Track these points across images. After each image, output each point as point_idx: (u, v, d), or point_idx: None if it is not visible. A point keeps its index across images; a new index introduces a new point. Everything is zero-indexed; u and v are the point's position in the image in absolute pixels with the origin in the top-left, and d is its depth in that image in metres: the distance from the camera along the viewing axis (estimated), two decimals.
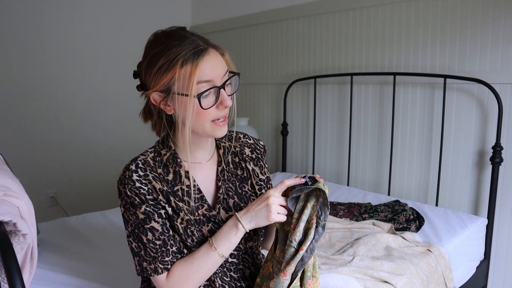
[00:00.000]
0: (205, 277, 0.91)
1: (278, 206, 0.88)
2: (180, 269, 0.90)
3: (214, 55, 0.87)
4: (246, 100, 3.00)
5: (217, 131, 0.90)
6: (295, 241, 0.86)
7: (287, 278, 0.86)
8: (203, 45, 0.87)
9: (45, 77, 2.66)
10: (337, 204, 2.01)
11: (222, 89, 0.88)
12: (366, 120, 2.28)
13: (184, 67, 0.83)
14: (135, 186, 0.89)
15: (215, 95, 0.87)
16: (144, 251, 0.89)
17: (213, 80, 0.86)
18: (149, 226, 0.89)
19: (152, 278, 0.92)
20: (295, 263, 0.85)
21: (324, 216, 0.85)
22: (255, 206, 0.89)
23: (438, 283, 1.44)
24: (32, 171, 2.66)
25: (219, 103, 0.88)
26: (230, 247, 0.91)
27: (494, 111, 1.80)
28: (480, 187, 1.89)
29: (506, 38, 1.75)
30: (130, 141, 3.04)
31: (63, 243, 1.66)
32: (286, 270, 0.85)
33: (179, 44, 0.85)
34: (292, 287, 0.86)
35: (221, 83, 0.88)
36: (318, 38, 2.46)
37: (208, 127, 0.89)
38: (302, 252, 0.84)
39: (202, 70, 0.84)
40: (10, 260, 0.73)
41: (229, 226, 0.91)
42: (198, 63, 0.84)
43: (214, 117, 0.89)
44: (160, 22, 0.98)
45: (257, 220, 0.89)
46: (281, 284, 0.86)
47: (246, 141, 1.07)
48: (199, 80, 0.84)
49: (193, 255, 0.91)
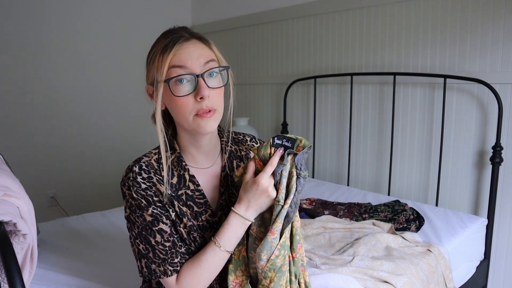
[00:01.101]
0: (214, 275, 0.90)
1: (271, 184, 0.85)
2: (190, 272, 0.89)
3: (195, 44, 0.87)
4: (246, 100, 3.00)
5: (200, 124, 0.85)
6: (282, 199, 0.84)
7: (275, 237, 0.83)
8: (185, 35, 0.87)
9: (46, 77, 2.66)
10: (337, 204, 2.01)
11: (201, 78, 0.84)
12: (366, 120, 2.28)
13: (162, 55, 0.85)
14: (141, 188, 0.88)
15: (193, 84, 0.84)
16: (152, 253, 0.88)
17: (188, 67, 0.84)
18: (157, 228, 0.88)
19: (162, 280, 0.90)
20: (282, 219, 0.83)
21: (303, 168, 0.83)
22: (256, 200, 0.86)
23: (438, 283, 1.44)
24: (32, 171, 2.66)
25: (196, 93, 0.84)
26: (237, 242, 0.90)
27: (494, 111, 1.80)
28: (480, 187, 1.89)
29: (506, 38, 1.75)
30: (130, 141, 3.04)
31: (63, 243, 1.66)
32: (273, 228, 0.83)
33: (168, 36, 0.87)
34: (280, 245, 0.84)
35: (202, 71, 0.85)
36: (318, 38, 2.46)
37: (191, 120, 0.85)
38: (287, 206, 0.83)
39: (177, 55, 0.84)
40: (10, 260, 0.73)
41: (235, 225, 0.88)
42: (174, 49, 0.84)
43: (193, 110, 0.85)
44: (160, 22, 0.98)
45: (263, 208, 0.88)
46: (269, 244, 0.83)
47: (253, 144, 1.05)
48: (173, 65, 0.84)
49: (199, 256, 0.89)
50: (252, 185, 0.85)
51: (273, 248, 0.84)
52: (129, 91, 2.99)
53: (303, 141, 0.85)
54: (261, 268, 0.85)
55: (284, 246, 0.85)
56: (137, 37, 2.98)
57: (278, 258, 0.84)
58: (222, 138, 1.00)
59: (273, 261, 0.84)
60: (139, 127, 3.03)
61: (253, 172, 0.88)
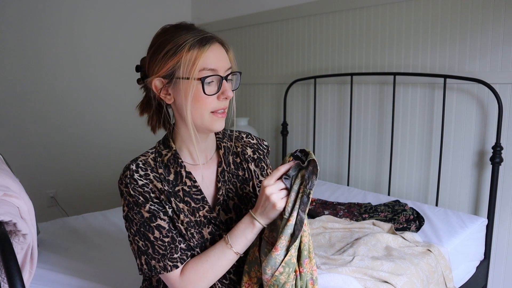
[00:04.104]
0: (219, 274, 0.90)
1: (278, 192, 0.85)
2: (195, 267, 0.89)
3: (219, 47, 0.90)
4: (246, 100, 3.00)
5: (215, 122, 0.90)
6: (288, 213, 0.83)
7: (278, 253, 0.82)
8: (211, 35, 0.89)
9: (45, 77, 2.66)
10: (337, 204, 2.01)
11: (225, 80, 0.89)
12: (366, 120, 2.28)
13: (191, 52, 0.85)
14: (138, 185, 0.89)
15: (217, 85, 0.88)
16: (152, 249, 0.88)
17: (216, 69, 0.88)
18: (155, 224, 0.88)
19: (163, 276, 0.90)
20: (286, 236, 0.82)
21: (310, 185, 0.82)
22: (260, 201, 0.87)
23: (438, 283, 1.44)
24: (32, 171, 2.66)
25: (221, 93, 0.88)
26: (246, 244, 0.90)
27: (494, 111, 1.80)
28: (480, 187, 1.89)
29: (506, 38, 1.75)
30: (130, 141, 3.04)
31: (63, 243, 1.66)
32: (277, 244, 0.82)
33: (187, 32, 0.88)
34: (285, 262, 0.82)
35: (224, 75, 0.89)
36: (318, 38, 2.46)
37: (207, 117, 0.89)
38: (290, 223, 0.82)
39: (207, 57, 0.86)
40: (10, 260, 0.73)
41: (245, 224, 0.89)
42: (205, 49, 0.86)
43: (214, 108, 0.89)
44: (160, 22, 0.98)
45: (268, 214, 0.86)
46: (273, 260, 0.82)
47: (249, 141, 1.07)
48: (204, 67, 0.86)
49: (207, 254, 0.90)
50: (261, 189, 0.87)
51: (277, 264, 0.82)
52: (129, 90, 2.98)
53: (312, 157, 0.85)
54: (266, 282, 0.85)
55: (289, 264, 0.83)
56: (136, 36, 2.98)
57: (282, 275, 0.83)
58: (217, 135, 1.03)
59: (277, 277, 0.83)
60: (139, 127, 3.01)
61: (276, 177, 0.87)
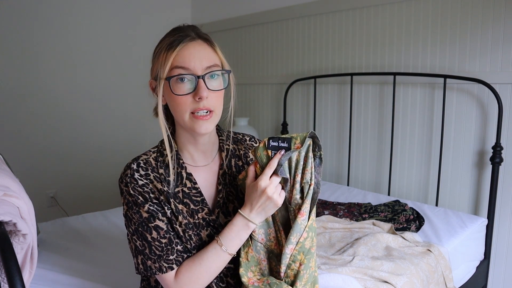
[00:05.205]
0: (213, 276, 0.90)
1: (276, 189, 0.85)
2: (189, 269, 0.89)
3: (201, 45, 0.89)
4: (246, 100, 3.00)
5: (196, 125, 0.88)
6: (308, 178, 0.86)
7: (304, 218, 0.85)
8: (192, 35, 0.89)
9: (45, 77, 2.66)
10: (337, 204, 2.01)
11: (201, 79, 0.86)
12: (366, 120, 2.28)
13: (166, 52, 0.87)
14: (138, 185, 0.89)
15: (193, 84, 0.87)
16: (149, 249, 0.89)
17: (191, 68, 0.86)
18: (153, 224, 0.88)
19: (158, 277, 0.90)
20: (309, 199, 0.85)
21: (318, 148, 0.88)
22: (257, 203, 0.86)
23: (438, 283, 1.44)
24: (32, 171, 2.66)
25: (195, 93, 0.86)
26: (239, 245, 0.90)
27: (494, 111, 1.80)
28: (480, 187, 1.89)
29: (506, 38, 1.75)
30: (130, 141, 3.04)
31: (63, 243, 1.66)
32: (302, 209, 0.85)
33: (173, 33, 0.89)
34: (308, 227, 0.86)
35: (203, 73, 0.87)
36: (318, 38, 2.46)
37: (188, 119, 0.88)
38: (312, 187, 0.85)
39: (180, 56, 0.87)
40: (10, 260, 0.73)
41: (239, 226, 0.88)
42: (178, 48, 0.87)
43: (191, 109, 0.87)
44: (160, 23, 0.99)
45: (267, 213, 0.87)
46: (299, 226, 0.85)
47: (252, 144, 1.06)
48: (175, 65, 0.86)
49: (201, 256, 0.90)
50: (252, 188, 0.87)
51: (302, 230, 0.86)
52: (129, 91, 2.99)
53: (299, 138, 0.87)
54: (290, 252, 0.86)
55: (311, 228, 0.87)
56: (136, 37, 2.98)
57: (306, 241, 0.86)
58: (220, 137, 1.02)
59: (302, 243, 0.86)
60: (139, 127, 3.03)
61: (253, 175, 0.89)
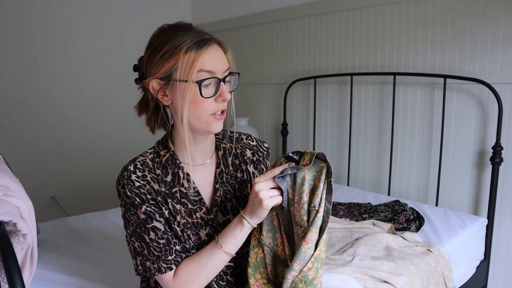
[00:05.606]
0: (212, 275, 0.91)
1: (268, 191, 0.85)
2: (187, 268, 0.90)
3: (217, 49, 0.89)
4: (246, 100, 2.99)
5: (213, 124, 0.89)
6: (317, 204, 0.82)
7: (309, 246, 0.81)
8: (208, 37, 0.88)
9: (45, 77, 2.66)
10: (337, 204, 2.01)
11: (223, 82, 0.88)
12: (366, 120, 2.28)
13: (188, 54, 0.84)
14: (135, 186, 0.89)
15: (215, 87, 0.87)
16: (147, 250, 0.89)
17: (214, 72, 0.87)
18: (151, 225, 0.88)
19: (157, 277, 0.91)
20: (316, 228, 0.81)
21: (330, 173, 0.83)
22: (250, 202, 0.87)
23: (438, 283, 1.44)
24: (32, 171, 2.66)
25: (218, 96, 0.87)
26: (236, 244, 0.90)
27: (494, 111, 1.80)
28: (480, 187, 1.89)
29: (506, 38, 1.75)
30: (130, 141, 3.04)
31: (63, 243, 1.66)
32: (307, 237, 0.80)
33: (184, 34, 0.87)
34: (314, 257, 0.81)
35: (222, 77, 0.88)
36: (318, 38, 2.46)
37: (206, 119, 0.88)
38: (320, 215, 0.81)
39: (205, 59, 0.85)
40: (10, 260, 0.73)
41: (235, 223, 0.89)
42: (202, 51, 0.85)
43: (212, 110, 0.88)
44: (159, 22, 0.98)
45: (256, 212, 0.86)
46: (303, 254, 0.81)
47: (249, 142, 1.06)
48: (201, 69, 0.85)
49: (199, 254, 0.90)
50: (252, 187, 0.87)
51: (307, 259, 0.81)
52: (129, 91, 2.98)
53: (309, 154, 0.86)
54: (292, 279, 0.83)
55: (318, 259, 0.82)
56: (134, 37, 2.98)
57: (310, 271, 0.82)
58: (217, 136, 1.02)
59: (305, 273, 0.82)
60: (139, 127, 3.02)
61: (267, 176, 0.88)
